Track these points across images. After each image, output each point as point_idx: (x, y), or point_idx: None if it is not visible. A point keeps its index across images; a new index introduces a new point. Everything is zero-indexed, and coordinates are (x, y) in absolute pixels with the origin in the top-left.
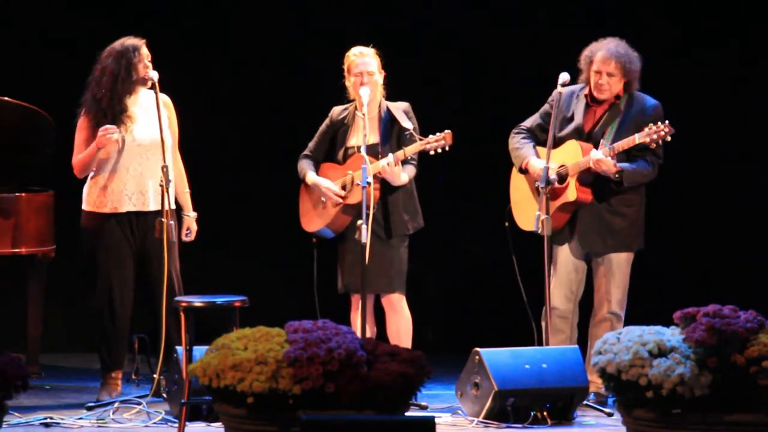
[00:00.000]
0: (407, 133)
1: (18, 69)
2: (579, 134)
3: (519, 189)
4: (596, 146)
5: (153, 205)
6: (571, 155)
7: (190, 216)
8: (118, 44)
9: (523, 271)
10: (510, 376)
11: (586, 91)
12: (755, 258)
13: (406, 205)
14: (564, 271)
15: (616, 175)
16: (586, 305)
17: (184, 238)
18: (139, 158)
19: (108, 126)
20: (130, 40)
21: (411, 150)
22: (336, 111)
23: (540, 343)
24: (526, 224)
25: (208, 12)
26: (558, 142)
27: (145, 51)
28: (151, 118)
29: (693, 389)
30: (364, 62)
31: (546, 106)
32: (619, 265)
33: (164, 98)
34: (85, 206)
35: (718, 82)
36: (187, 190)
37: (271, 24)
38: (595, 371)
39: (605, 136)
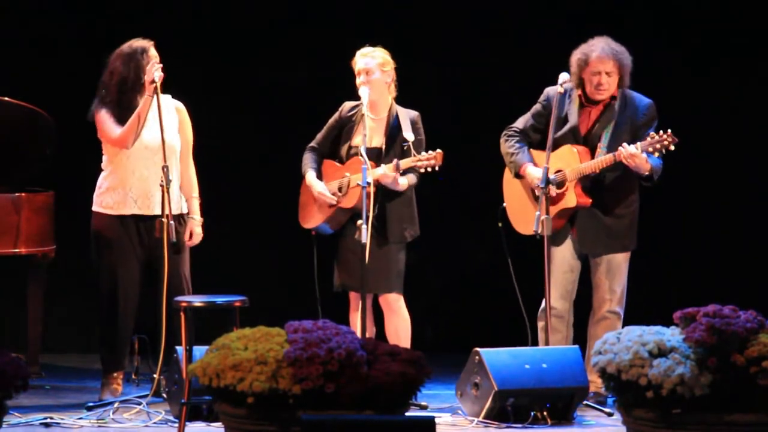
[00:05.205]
0: (405, 145)
1: (18, 69)
2: (574, 136)
3: (514, 192)
4: (593, 150)
5: (159, 209)
6: (568, 160)
7: (195, 219)
8: (126, 47)
9: (518, 271)
10: (510, 376)
11: (579, 91)
12: (755, 258)
13: (403, 214)
14: (560, 271)
15: (647, 172)
16: (581, 305)
17: (188, 243)
18: (146, 161)
19: (149, 75)
20: (138, 42)
21: (404, 164)
22: (346, 106)
23: (535, 343)
24: (522, 227)
25: (207, 11)
26: (553, 144)
27: (153, 52)
28: (159, 122)
29: (693, 389)
30: (364, 61)
31: (538, 106)
32: (618, 265)
33: (177, 104)
34: (93, 206)
35: (719, 79)
36: (196, 195)
37: (271, 23)
38: (595, 371)
39: (601, 139)
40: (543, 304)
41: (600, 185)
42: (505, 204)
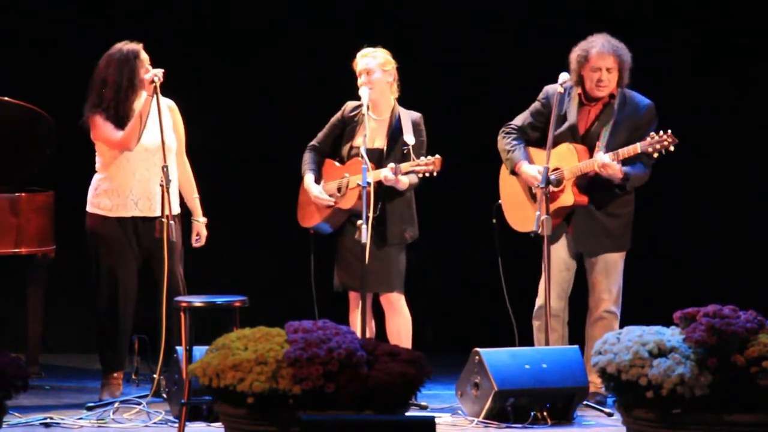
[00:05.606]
0: (405, 148)
1: (18, 69)
2: (573, 134)
3: (510, 189)
4: (591, 148)
5: (160, 210)
6: (566, 158)
7: (200, 221)
8: (116, 52)
9: (513, 269)
10: (510, 376)
11: (579, 89)
12: (755, 258)
13: (403, 215)
14: (556, 269)
15: (621, 180)
16: (576, 304)
17: (194, 244)
18: (146, 163)
19: (149, 75)
20: (128, 46)
21: (404, 167)
22: (349, 106)
23: (522, 342)
24: (517, 224)
25: (207, 11)
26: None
27: (144, 55)
28: (157, 123)
29: (693, 389)
30: (365, 62)
31: (537, 104)
32: (614, 264)
33: (169, 102)
34: (89, 208)
35: (719, 79)
36: (196, 195)
37: (271, 23)
38: (595, 371)
39: (600, 138)
40: (537, 303)
41: (596, 184)
42: (500, 200)
